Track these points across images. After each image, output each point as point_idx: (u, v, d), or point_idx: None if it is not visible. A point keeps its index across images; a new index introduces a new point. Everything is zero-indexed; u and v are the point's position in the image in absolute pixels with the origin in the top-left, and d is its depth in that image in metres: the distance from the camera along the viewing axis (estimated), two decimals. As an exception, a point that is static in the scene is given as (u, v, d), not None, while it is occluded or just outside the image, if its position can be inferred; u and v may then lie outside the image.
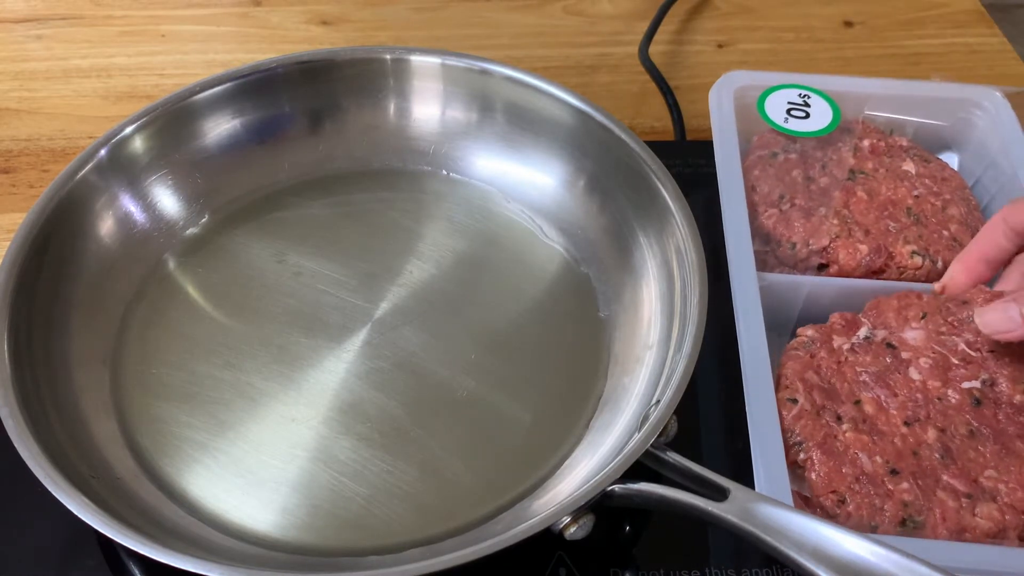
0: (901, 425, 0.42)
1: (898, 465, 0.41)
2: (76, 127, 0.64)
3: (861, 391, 0.43)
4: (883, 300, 0.47)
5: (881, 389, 0.43)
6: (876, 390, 0.43)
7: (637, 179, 0.49)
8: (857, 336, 0.45)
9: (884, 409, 0.43)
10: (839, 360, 0.45)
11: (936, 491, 0.40)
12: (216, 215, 0.53)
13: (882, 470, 0.41)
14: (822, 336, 0.46)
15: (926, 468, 0.41)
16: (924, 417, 0.42)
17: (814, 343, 0.45)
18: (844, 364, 0.45)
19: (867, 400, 0.43)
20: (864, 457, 0.41)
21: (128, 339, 0.47)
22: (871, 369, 0.44)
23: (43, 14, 0.73)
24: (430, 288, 0.50)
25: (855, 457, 0.41)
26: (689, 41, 0.73)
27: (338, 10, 0.74)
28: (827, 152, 0.55)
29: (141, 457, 0.43)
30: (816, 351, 0.45)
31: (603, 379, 0.47)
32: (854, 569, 0.32)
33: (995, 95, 0.56)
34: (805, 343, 0.46)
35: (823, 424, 0.42)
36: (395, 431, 0.44)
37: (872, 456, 0.41)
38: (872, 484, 0.40)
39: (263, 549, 0.40)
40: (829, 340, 0.46)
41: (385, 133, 0.56)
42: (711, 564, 0.42)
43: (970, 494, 0.40)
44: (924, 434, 0.42)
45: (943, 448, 0.41)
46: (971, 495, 0.40)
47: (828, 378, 0.44)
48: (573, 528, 0.36)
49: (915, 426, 0.42)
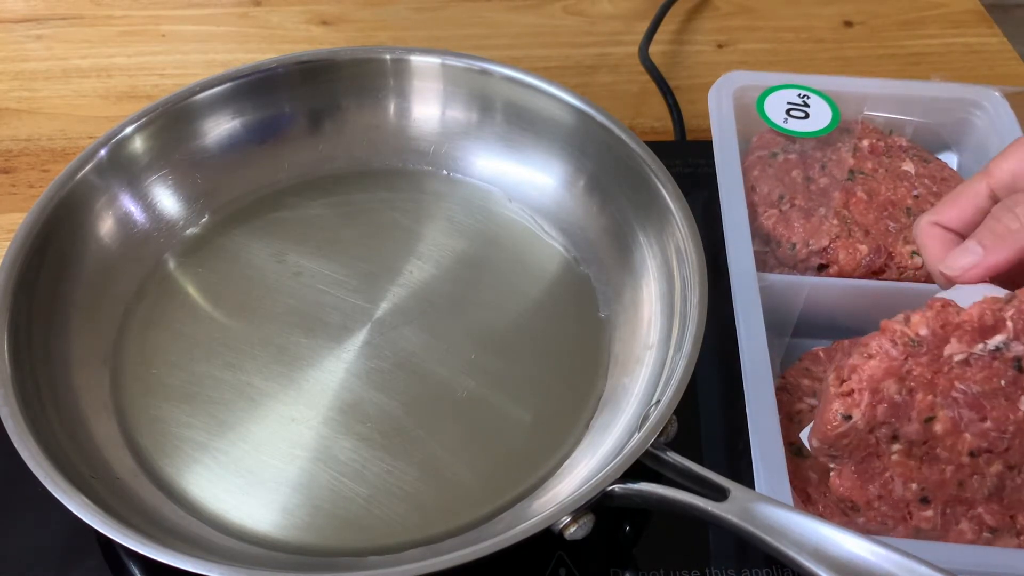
0: (964, 454, 0.37)
1: (933, 494, 0.37)
2: (76, 127, 0.64)
3: (942, 408, 0.36)
4: None
5: (969, 411, 0.36)
6: (961, 410, 0.36)
7: (637, 179, 0.49)
8: (984, 346, 0.36)
9: (958, 432, 0.36)
10: (938, 371, 0.36)
11: (961, 521, 0.38)
12: (216, 215, 0.53)
13: (912, 496, 0.38)
14: (937, 338, 0.36)
15: (963, 499, 0.37)
16: (999, 451, 0.37)
17: (920, 344, 0.36)
18: (941, 376, 0.36)
19: (943, 419, 0.36)
20: (899, 483, 0.37)
21: (128, 339, 0.47)
22: (974, 388, 0.36)
23: (43, 14, 0.73)
24: (430, 288, 0.50)
25: (888, 481, 0.37)
26: (689, 41, 0.73)
27: (338, 10, 0.74)
28: (827, 152, 0.55)
29: (141, 457, 0.43)
30: (919, 353, 0.36)
31: (603, 379, 0.47)
32: (854, 569, 0.32)
33: (995, 95, 0.56)
34: (911, 342, 0.36)
35: (870, 444, 0.37)
36: (395, 431, 0.44)
37: (908, 483, 0.37)
38: (893, 507, 0.38)
39: (263, 549, 0.40)
40: (943, 344, 0.36)
41: (385, 133, 0.56)
42: (711, 564, 0.42)
43: (996, 528, 0.38)
44: (987, 467, 0.37)
45: (997, 484, 0.37)
46: (996, 530, 0.38)
47: (910, 388, 0.36)
48: (573, 528, 0.36)
49: (981, 458, 0.37)
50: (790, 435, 0.43)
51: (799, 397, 0.45)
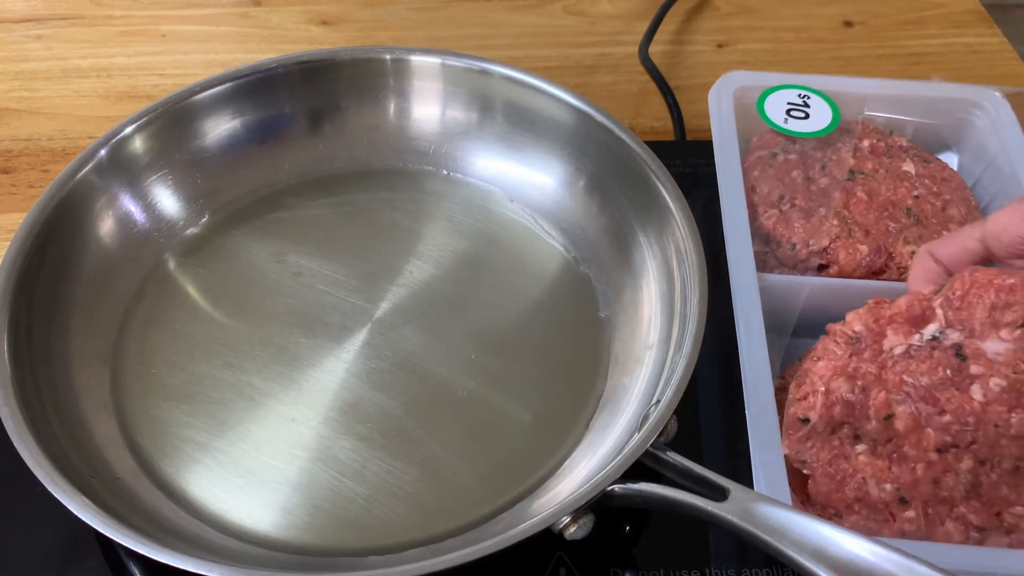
0: (931, 451, 0.37)
1: (910, 494, 0.37)
2: (76, 127, 0.64)
3: (898, 404, 0.37)
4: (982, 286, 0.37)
5: (925, 405, 0.37)
6: (917, 404, 0.37)
7: (637, 179, 0.49)
8: (921, 336, 0.37)
9: (919, 428, 0.37)
10: (883, 366, 0.37)
11: (945, 522, 0.38)
12: (216, 215, 0.53)
13: (890, 497, 0.38)
14: (873, 332, 0.38)
15: (942, 498, 0.37)
16: (964, 444, 0.37)
17: (860, 341, 0.38)
18: (888, 370, 0.37)
19: (902, 416, 0.37)
20: (872, 484, 0.38)
21: (128, 339, 0.47)
22: (922, 380, 0.37)
23: (43, 14, 0.73)
24: (430, 288, 0.50)
25: (861, 483, 0.38)
26: (689, 41, 0.73)
27: (338, 10, 0.74)
28: (827, 152, 0.55)
29: (141, 457, 0.43)
30: (860, 350, 0.38)
31: (603, 379, 0.47)
32: (854, 569, 0.32)
33: (995, 95, 0.56)
34: (850, 339, 0.38)
35: (833, 446, 0.38)
36: (395, 431, 0.44)
37: (881, 483, 0.38)
38: (872, 510, 0.38)
39: (263, 549, 0.40)
40: (881, 338, 0.38)
41: (385, 133, 0.56)
42: (711, 564, 0.42)
43: (983, 528, 0.37)
44: (957, 463, 0.37)
45: (972, 481, 0.37)
46: (984, 529, 0.37)
47: (861, 386, 0.37)
48: (573, 528, 0.36)
49: (949, 454, 0.37)
50: (790, 435, 0.43)
51: (799, 397, 0.46)
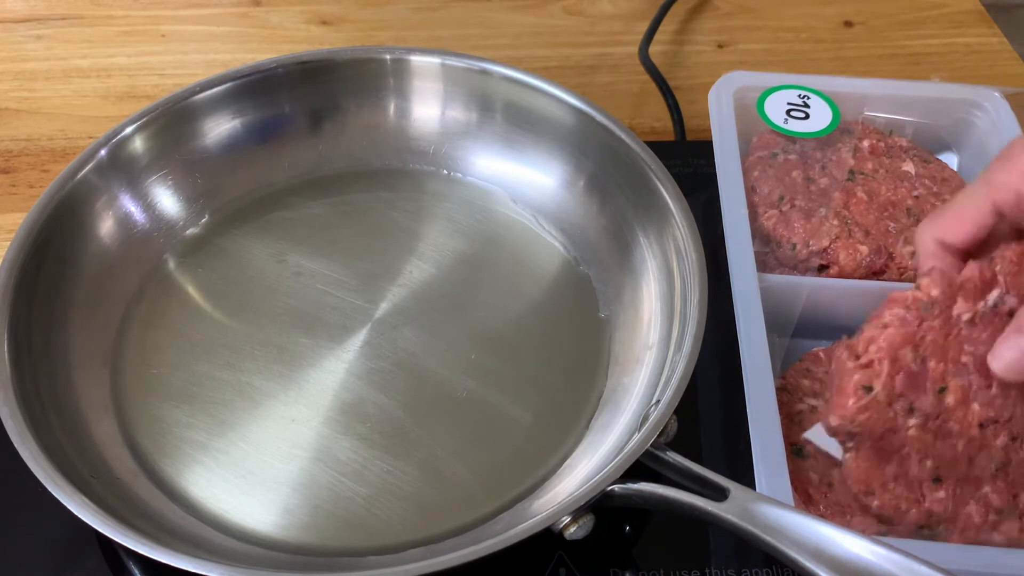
0: (974, 426, 0.36)
1: (945, 472, 0.37)
2: (76, 127, 0.64)
3: (952, 377, 0.35)
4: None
5: (977, 375, 0.35)
6: (971, 376, 0.35)
7: (637, 179, 0.49)
8: (985, 302, 0.36)
9: (967, 403, 0.35)
10: (948, 333, 0.36)
11: (969, 503, 0.37)
12: (216, 215, 0.53)
13: (926, 476, 0.37)
14: (947, 298, 0.36)
15: (973, 478, 0.37)
16: (1004, 419, 0.36)
17: (933, 306, 0.35)
18: (953, 339, 0.36)
19: (954, 388, 0.35)
20: (914, 460, 0.36)
21: (128, 339, 0.47)
22: (980, 349, 0.35)
23: (43, 14, 0.73)
24: (430, 288, 0.50)
25: (905, 458, 0.36)
26: (689, 41, 0.73)
27: (338, 10, 0.74)
28: (827, 153, 0.55)
29: (141, 457, 0.43)
30: (931, 317, 0.35)
31: (603, 379, 0.47)
32: (854, 569, 0.32)
33: (995, 95, 0.56)
34: (923, 304, 0.36)
35: (888, 418, 0.36)
36: (395, 431, 0.44)
37: (923, 460, 0.37)
38: (907, 488, 0.37)
39: (263, 549, 0.40)
40: (951, 305, 0.36)
41: (385, 133, 0.56)
42: (711, 564, 0.42)
43: (1001, 510, 0.37)
44: (994, 439, 0.36)
45: (1004, 458, 0.36)
46: (1001, 511, 0.37)
47: (923, 357, 0.36)
48: (573, 528, 0.36)
49: (989, 429, 0.36)
50: (790, 435, 0.43)
51: (799, 398, 0.45)
